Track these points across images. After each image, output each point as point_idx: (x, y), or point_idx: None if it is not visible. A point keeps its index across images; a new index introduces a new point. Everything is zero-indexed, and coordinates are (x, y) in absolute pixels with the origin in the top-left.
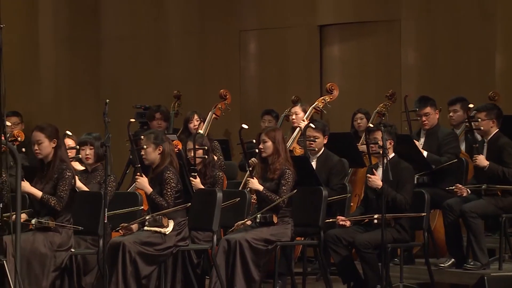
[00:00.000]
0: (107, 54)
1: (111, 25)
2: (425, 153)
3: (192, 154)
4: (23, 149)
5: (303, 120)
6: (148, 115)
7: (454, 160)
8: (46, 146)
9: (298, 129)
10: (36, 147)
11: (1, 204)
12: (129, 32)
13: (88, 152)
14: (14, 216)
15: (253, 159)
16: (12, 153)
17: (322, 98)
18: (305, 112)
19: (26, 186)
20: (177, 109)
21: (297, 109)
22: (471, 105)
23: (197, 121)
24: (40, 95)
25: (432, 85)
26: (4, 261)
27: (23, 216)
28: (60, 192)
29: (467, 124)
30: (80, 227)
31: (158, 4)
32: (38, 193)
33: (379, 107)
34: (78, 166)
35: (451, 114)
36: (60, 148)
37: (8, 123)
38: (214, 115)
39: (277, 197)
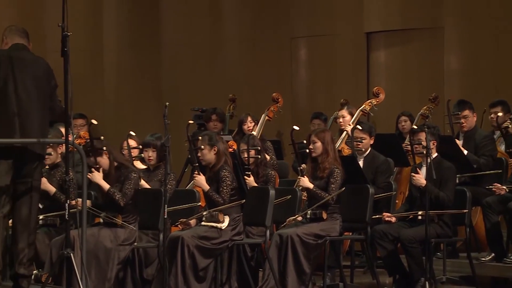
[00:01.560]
0: (167, 59)
1: (171, 33)
2: (465, 152)
3: (246, 154)
4: (102, 137)
5: (349, 124)
6: (205, 116)
7: (493, 171)
8: (103, 162)
9: (345, 132)
10: (99, 160)
11: (68, 201)
12: (187, 39)
13: (151, 154)
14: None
15: (303, 165)
16: (79, 152)
17: (369, 101)
18: (351, 114)
19: (97, 176)
20: (232, 111)
21: (344, 112)
22: None
23: (251, 122)
24: (104, 98)
25: (473, 89)
26: (72, 254)
27: (88, 203)
28: (126, 190)
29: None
30: (134, 228)
31: (214, 13)
32: (106, 185)
33: (423, 109)
34: (139, 165)
35: (492, 116)
36: (112, 153)
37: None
38: (267, 117)
39: (327, 195)
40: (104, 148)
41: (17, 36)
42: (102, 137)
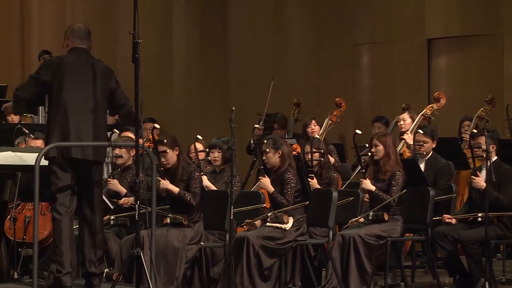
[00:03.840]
0: (233, 66)
1: (237, 40)
2: None
3: (310, 157)
4: (165, 140)
5: (407, 133)
6: (267, 126)
7: None
8: (171, 156)
9: (403, 142)
10: (162, 158)
11: (138, 201)
12: (253, 46)
13: (216, 154)
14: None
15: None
16: (149, 155)
17: (430, 106)
18: (412, 119)
19: (165, 183)
20: (296, 115)
21: (405, 116)
22: None
23: (315, 126)
24: (173, 103)
25: None
26: (141, 253)
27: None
28: (194, 189)
29: None
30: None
31: (279, 21)
32: (176, 189)
33: (480, 111)
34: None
35: None
36: (182, 153)
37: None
38: (330, 121)
39: (388, 197)
40: (175, 147)
41: (77, 39)
42: (165, 140)
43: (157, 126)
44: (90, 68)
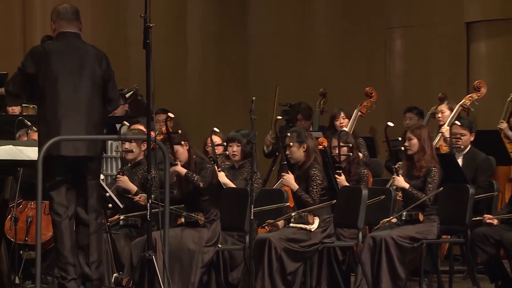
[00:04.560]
0: (254, 52)
1: (258, 24)
2: None
3: (337, 152)
4: (180, 131)
5: (445, 127)
6: (290, 117)
7: None
8: (182, 153)
9: (440, 134)
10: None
11: (149, 200)
12: (275, 30)
13: (235, 148)
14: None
15: (399, 164)
16: (161, 149)
17: (469, 95)
18: (451, 110)
19: (178, 168)
20: (322, 106)
21: (443, 107)
22: None
23: (344, 118)
24: (187, 92)
25: None
26: (154, 256)
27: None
28: (203, 174)
29: None
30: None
31: (304, 2)
32: (183, 170)
33: None
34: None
35: None
36: (192, 147)
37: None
38: (359, 113)
39: (423, 195)
40: (183, 142)
41: (64, 22)
42: (180, 131)
43: (171, 115)
44: (80, 55)
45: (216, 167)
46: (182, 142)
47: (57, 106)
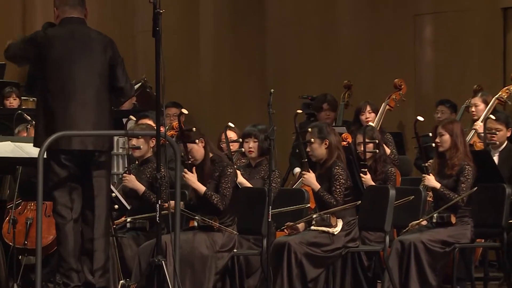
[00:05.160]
0: (273, 40)
1: (277, 9)
2: None
3: (362, 148)
4: (194, 129)
5: (479, 123)
6: (314, 106)
7: None
8: (197, 150)
9: (473, 131)
10: (189, 155)
11: (159, 201)
12: (295, 17)
13: (251, 145)
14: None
15: (429, 162)
16: (172, 145)
17: (506, 88)
18: (486, 103)
19: (192, 178)
20: (347, 99)
21: (477, 100)
22: None
23: (369, 112)
24: (200, 84)
25: None
26: (163, 262)
27: (181, 204)
28: (223, 190)
29: None
30: (233, 231)
31: None
32: (202, 188)
33: None
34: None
35: None
36: (209, 145)
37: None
38: (387, 106)
39: (456, 195)
40: (198, 140)
41: (67, 7)
42: (194, 129)
43: (184, 111)
44: (84, 42)
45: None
46: (197, 140)
47: (60, 97)
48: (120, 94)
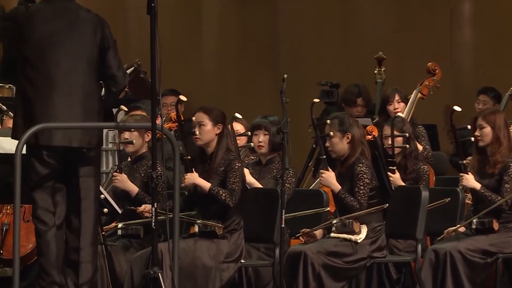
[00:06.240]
0: (285, 18)
1: None
2: None
3: (390, 143)
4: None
5: None
6: (345, 98)
7: None
8: (208, 131)
9: None
10: (197, 130)
11: (155, 204)
12: None
13: (261, 138)
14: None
15: (469, 158)
16: (170, 140)
17: None
18: None
19: (193, 177)
20: (384, 77)
21: None
22: None
23: (398, 102)
24: (202, 68)
25: None
26: (159, 274)
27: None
28: (231, 185)
29: None
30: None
31: None
32: (207, 185)
33: None
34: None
35: None
36: (226, 136)
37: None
38: (420, 95)
39: (499, 198)
40: (210, 120)
41: None
42: (194, 118)
43: (182, 98)
44: (71, 21)
45: None
46: (218, 124)
47: (41, 85)
48: (112, 82)
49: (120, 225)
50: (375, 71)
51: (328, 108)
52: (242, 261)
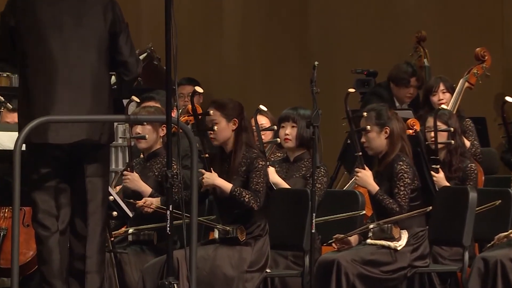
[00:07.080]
0: (317, 2)
1: None
2: None
3: (434, 138)
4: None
5: None
6: (396, 77)
7: None
8: (223, 129)
9: None
10: (210, 133)
11: (171, 206)
12: None
13: (288, 130)
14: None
15: None
16: (187, 135)
17: None
18: None
19: (213, 177)
20: (426, 55)
21: None
22: None
23: (443, 92)
24: (223, 56)
25: None
26: (175, 285)
27: None
28: (255, 185)
29: None
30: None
31: None
32: (228, 186)
33: None
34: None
35: None
36: (244, 131)
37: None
38: (467, 84)
39: None
40: (222, 116)
41: None
42: (211, 112)
43: (199, 89)
44: (77, 4)
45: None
46: (232, 118)
47: (44, 76)
48: (124, 70)
49: (131, 230)
50: (416, 53)
51: (376, 89)
52: (268, 270)
